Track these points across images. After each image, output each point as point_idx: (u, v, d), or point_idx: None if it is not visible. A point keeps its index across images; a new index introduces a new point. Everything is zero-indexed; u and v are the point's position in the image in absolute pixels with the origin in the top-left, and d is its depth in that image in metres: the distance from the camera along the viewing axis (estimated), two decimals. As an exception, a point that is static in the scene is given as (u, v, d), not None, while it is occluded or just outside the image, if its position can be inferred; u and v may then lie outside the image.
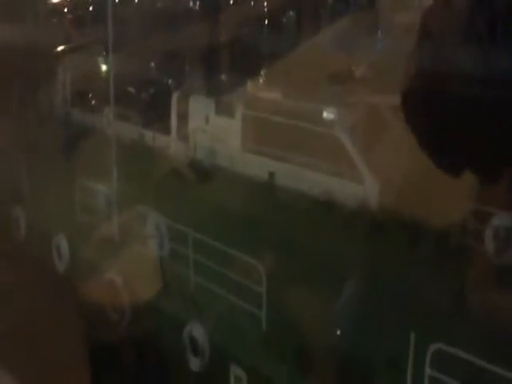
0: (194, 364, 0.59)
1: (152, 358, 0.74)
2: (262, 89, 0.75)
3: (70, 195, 0.86)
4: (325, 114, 0.66)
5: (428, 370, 0.40)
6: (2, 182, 1.03)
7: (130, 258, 0.79)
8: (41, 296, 0.89)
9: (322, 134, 0.61)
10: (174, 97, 0.91)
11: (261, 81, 0.80)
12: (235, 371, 0.58)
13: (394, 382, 0.42)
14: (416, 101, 0.35)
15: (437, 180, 0.43)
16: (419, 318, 0.41)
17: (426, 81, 0.34)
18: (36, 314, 0.86)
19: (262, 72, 0.86)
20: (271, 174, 0.64)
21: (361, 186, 0.57)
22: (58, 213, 0.92)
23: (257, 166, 0.67)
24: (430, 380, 0.39)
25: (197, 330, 0.62)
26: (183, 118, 0.88)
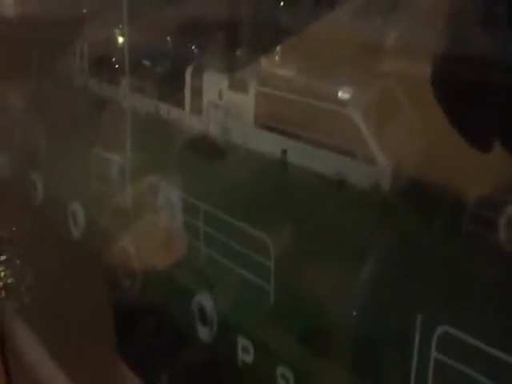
0: (203, 333, 0.59)
1: (162, 325, 0.73)
2: (276, 65, 0.72)
3: (85, 164, 0.86)
4: (339, 93, 0.63)
5: (434, 353, 0.39)
6: (22, 146, 1.04)
7: (142, 227, 0.78)
8: (58, 259, 0.90)
9: (335, 113, 0.58)
10: (188, 70, 0.88)
11: (276, 57, 0.77)
12: (243, 342, 0.57)
13: (399, 362, 0.41)
14: (447, 75, 0.33)
15: (450, 163, 0.42)
16: (426, 301, 0.40)
17: (458, 56, 0.32)
18: (56, 276, 0.86)
19: (278, 48, 0.83)
20: (284, 152, 0.61)
21: (373, 167, 0.54)
22: (74, 180, 0.92)
23: (269, 143, 0.64)
24: (435, 362, 0.38)
25: (206, 300, 0.61)
26: (197, 92, 0.85)
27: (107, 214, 0.81)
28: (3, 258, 1.01)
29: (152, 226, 0.71)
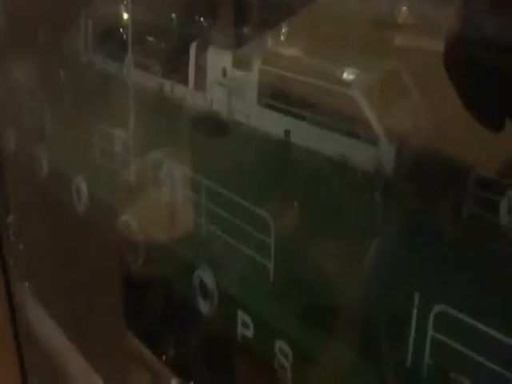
0: (204, 307, 0.59)
1: (165, 298, 0.74)
2: (281, 43, 0.70)
3: (89, 139, 0.85)
4: (343, 74, 0.61)
5: (431, 331, 0.38)
6: (27, 122, 1.03)
7: (144, 202, 0.78)
8: (63, 233, 0.90)
9: (338, 94, 0.57)
10: (192, 47, 0.85)
11: (281, 35, 0.74)
12: (242, 317, 0.57)
13: (397, 340, 0.41)
14: (461, 54, 0.32)
15: (454, 145, 0.41)
16: (424, 280, 0.39)
17: (472, 33, 0.31)
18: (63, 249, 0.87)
19: (283, 26, 0.80)
20: (287, 132, 0.60)
21: (376, 149, 0.53)
22: (78, 155, 0.91)
23: (272, 123, 0.63)
24: (432, 341, 0.38)
25: (206, 275, 0.61)
26: (201, 69, 0.83)
27: (110, 188, 0.80)
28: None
29: (154, 200, 0.71)
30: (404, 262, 0.41)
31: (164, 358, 0.67)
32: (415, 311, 0.39)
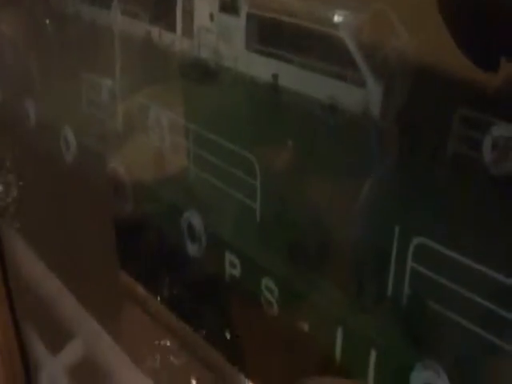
0: (192, 249, 0.60)
1: (154, 242, 0.75)
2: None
3: (76, 89, 0.84)
4: (331, 15, 0.60)
5: (410, 263, 0.39)
6: (14, 73, 1.01)
7: (132, 148, 0.78)
8: (53, 182, 0.90)
9: (326, 36, 0.56)
10: (179, -8, 0.84)
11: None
12: (230, 257, 0.58)
13: (378, 273, 0.42)
14: None
15: (439, 86, 0.41)
16: (405, 214, 0.40)
17: None
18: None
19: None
20: (275, 76, 0.59)
21: (364, 90, 0.52)
22: (66, 105, 0.90)
23: (261, 67, 0.62)
24: (411, 272, 0.39)
25: (194, 218, 0.62)
26: (188, 14, 0.81)
27: (98, 136, 0.80)
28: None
29: (142, 147, 0.71)
30: (388, 198, 0.42)
31: (158, 297, 0.69)
32: (395, 244, 0.40)
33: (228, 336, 0.59)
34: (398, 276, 0.41)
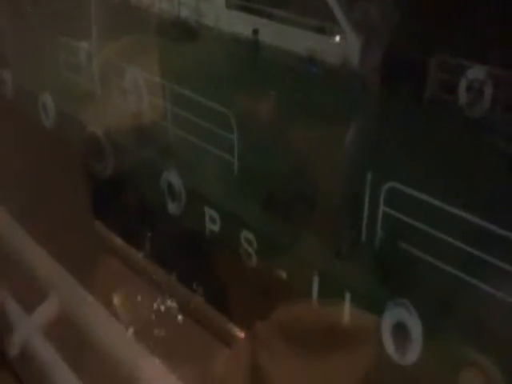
0: (172, 208, 0.60)
1: (135, 203, 0.75)
2: None
3: (53, 54, 0.83)
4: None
5: (382, 207, 0.40)
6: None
7: (110, 111, 0.77)
8: (32, 148, 0.89)
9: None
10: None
11: None
12: (209, 213, 0.59)
13: (352, 219, 0.43)
14: None
15: (415, 32, 0.42)
16: (376, 159, 0.41)
17: None
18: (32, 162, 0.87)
19: None
20: (255, 31, 0.59)
21: (343, 43, 0.52)
22: (43, 72, 0.89)
23: (241, 23, 0.61)
24: (383, 215, 0.40)
25: (173, 177, 0.62)
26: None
27: (76, 101, 0.80)
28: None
29: (120, 108, 0.71)
30: (362, 145, 0.43)
31: (140, 252, 0.70)
32: (368, 190, 0.41)
33: (210, 286, 0.61)
34: (371, 220, 0.42)
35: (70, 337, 0.69)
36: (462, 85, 0.36)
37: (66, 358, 0.68)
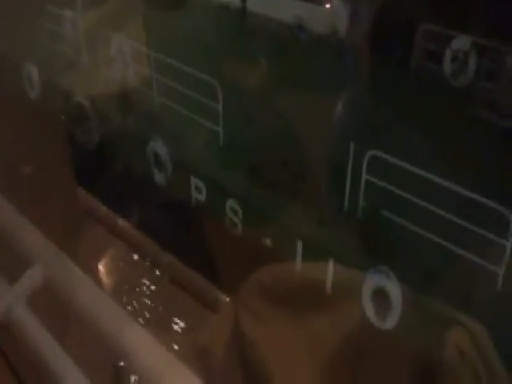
0: (159, 178, 0.61)
1: (121, 172, 0.76)
2: None
3: (38, 24, 0.81)
4: None
5: (364, 175, 0.41)
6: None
7: (95, 81, 0.77)
8: (18, 120, 0.89)
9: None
10: None
11: None
12: (196, 182, 0.59)
13: (335, 186, 0.44)
14: None
15: (399, 2, 0.42)
16: (360, 128, 0.41)
17: None
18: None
19: None
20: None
21: (331, 11, 0.52)
22: (28, 42, 0.88)
23: None
24: (365, 183, 0.40)
25: (159, 146, 0.62)
26: None
27: (61, 71, 0.79)
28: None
29: (105, 78, 0.70)
30: (346, 114, 0.43)
31: (128, 221, 0.70)
32: (351, 158, 0.41)
33: (197, 254, 0.62)
34: (353, 189, 0.43)
35: (54, 306, 0.69)
36: (447, 55, 0.36)
37: (50, 328, 0.68)
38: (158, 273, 0.67)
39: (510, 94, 0.34)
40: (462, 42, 0.35)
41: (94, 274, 0.70)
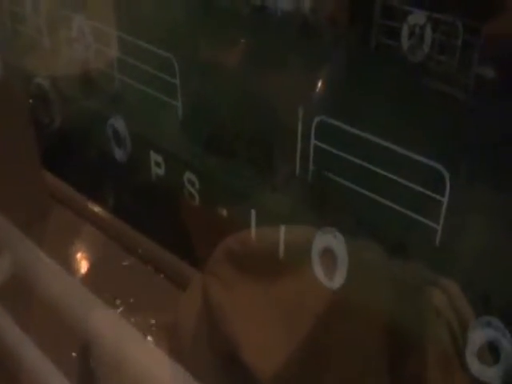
0: (119, 154, 0.61)
1: (83, 152, 0.76)
2: None
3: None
4: None
5: (313, 140, 0.42)
6: None
7: (56, 61, 0.77)
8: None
9: None
10: None
11: None
12: (154, 157, 0.60)
13: (287, 153, 0.45)
14: None
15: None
16: (307, 95, 0.42)
17: None
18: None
19: None
20: None
21: None
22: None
23: None
24: (314, 148, 0.42)
25: (118, 123, 0.62)
26: None
27: (23, 52, 0.79)
28: None
29: (67, 59, 0.71)
30: (294, 80, 0.44)
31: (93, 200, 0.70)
32: (300, 124, 0.43)
33: (161, 229, 0.62)
34: (304, 154, 0.44)
35: (20, 294, 0.68)
36: (405, 31, 0.37)
37: (16, 317, 0.67)
38: (128, 253, 0.67)
39: (462, 66, 0.35)
40: (417, 17, 0.37)
41: (65, 261, 0.69)
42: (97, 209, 0.71)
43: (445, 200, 0.37)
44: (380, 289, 0.42)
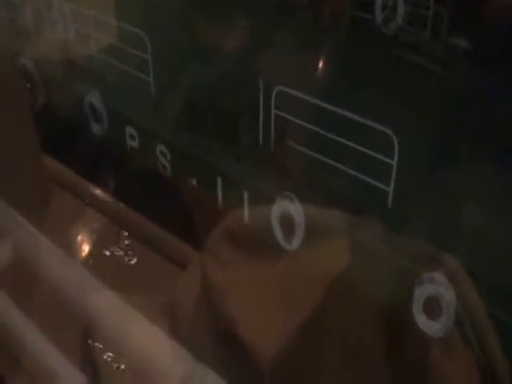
0: (96, 129, 0.61)
1: (63, 128, 0.76)
2: None
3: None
4: None
5: (273, 110, 0.42)
6: None
7: (39, 42, 0.76)
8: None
9: None
10: None
11: None
12: (129, 131, 0.59)
13: (251, 123, 0.44)
14: None
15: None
16: (268, 67, 0.41)
17: None
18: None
19: None
20: None
21: None
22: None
23: None
24: (275, 117, 0.41)
25: (95, 98, 0.62)
26: None
27: (5, 35, 0.78)
28: None
29: (48, 39, 0.70)
30: (253, 52, 0.44)
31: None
32: (261, 95, 0.43)
33: (151, 207, 0.61)
34: (266, 124, 0.44)
35: (22, 279, 0.67)
36: (378, 3, 0.37)
37: (17, 301, 0.66)
38: (126, 234, 0.65)
39: (433, 38, 0.35)
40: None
41: (66, 245, 0.67)
42: (97, 191, 0.69)
43: (394, 163, 0.37)
44: (361, 261, 0.41)
